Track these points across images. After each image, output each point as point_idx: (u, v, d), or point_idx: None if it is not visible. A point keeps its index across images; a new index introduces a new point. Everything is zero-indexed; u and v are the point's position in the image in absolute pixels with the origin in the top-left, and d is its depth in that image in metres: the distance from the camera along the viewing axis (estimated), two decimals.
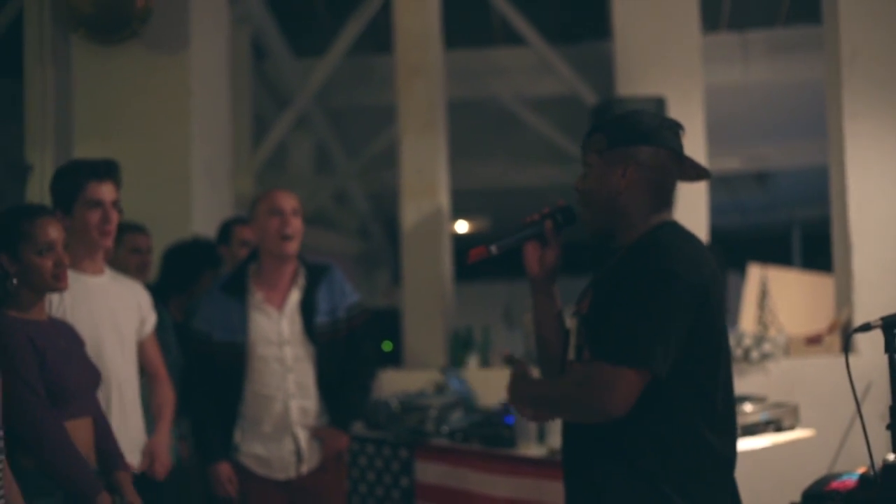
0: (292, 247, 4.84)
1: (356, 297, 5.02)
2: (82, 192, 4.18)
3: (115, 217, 4.24)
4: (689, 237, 3.02)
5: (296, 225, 4.85)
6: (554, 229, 3.15)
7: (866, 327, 3.24)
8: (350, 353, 4.94)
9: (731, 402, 3.02)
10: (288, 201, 4.89)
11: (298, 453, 4.81)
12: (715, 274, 2.96)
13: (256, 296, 4.85)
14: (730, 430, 3.01)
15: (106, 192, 4.21)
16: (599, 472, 2.93)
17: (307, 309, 4.85)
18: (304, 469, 4.83)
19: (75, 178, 4.22)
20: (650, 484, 2.87)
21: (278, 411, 4.80)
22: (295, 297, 4.86)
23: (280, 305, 4.84)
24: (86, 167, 4.28)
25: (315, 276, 4.92)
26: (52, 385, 3.68)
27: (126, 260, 5.19)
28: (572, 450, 3.08)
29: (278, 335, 4.82)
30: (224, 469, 4.78)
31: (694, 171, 3.10)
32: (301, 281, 4.89)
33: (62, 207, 4.15)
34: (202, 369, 4.85)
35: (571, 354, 3.05)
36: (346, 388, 4.91)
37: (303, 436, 4.82)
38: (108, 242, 4.27)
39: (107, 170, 4.26)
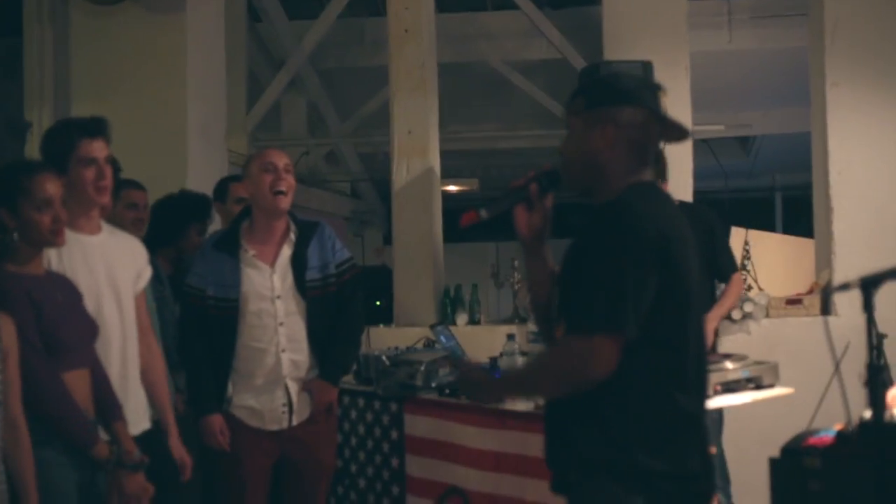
0: (285, 202, 4.89)
1: (346, 254, 5.08)
2: (75, 150, 4.17)
3: (109, 173, 4.24)
4: (657, 196, 3.08)
5: (289, 181, 4.90)
6: (539, 192, 3.18)
7: (845, 287, 3.33)
8: (340, 307, 4.99)
9: (701, 362, 3.06)
10: (280, 158, 4.96)
11: (290, 405, 4.88)
12: (682, 233, 3.00)
13: (248, 252, 4.90)
14: (699, 388, 3.06)
15: (98, 148, 4.21)
16: (571, 434, 2.98)
17: (298, 264, 4.91)
18: (296, 420, 4.90)
19: (67, 137, 4.21)
20: (619, 446, 2.92)
21: (270, 364, 4.86)
22: (286, 252, 4.92)
23: (272, 261, 4.90)
24: (76, 125, 4.28)
25: (306, 232, 4.98)
26: (49, 338, 3.73)
27: (122, 215, 5.23)
28: (548, 410, 3.14)
29: (270, 290, 4.87)
30: (216, 421, 4.85)
31: (674, 132, 3.13)
32: (292, 237, 4.94)
33: (56, 167, 4.08)
34: (196, 324, 4.92)
35: (555, 312, 3.13)
36: (335, 342, 4.98)
37: (293, 388, 4.89)
38: (105, 199, 4.26)
39: (97, 127, 4.25)
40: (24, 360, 3.63)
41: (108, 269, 4.28)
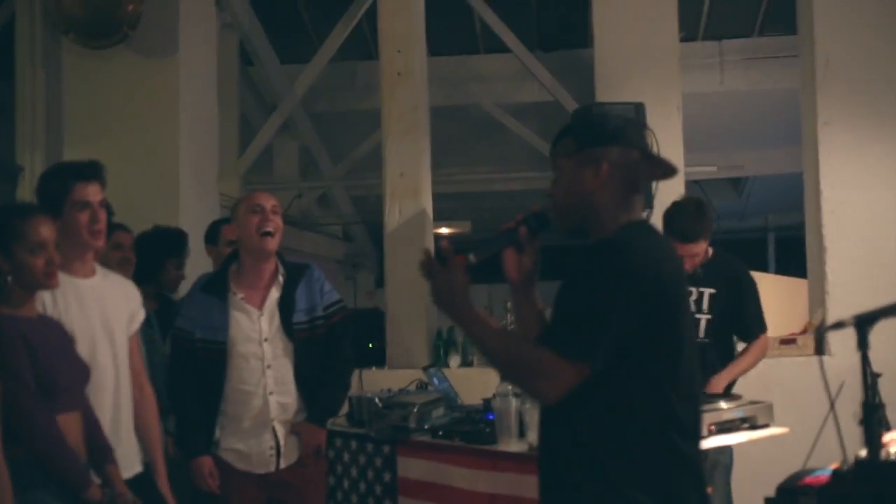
0: (272, 243, 4.90)
1: (335, 296, 5.08)
2: (70, 194, 4.18)
3: (103, 217, 4.26)
4: (652, 235, 3.08)
5: (276, 222, 4.91)
6: (529, 235, 3.17)
7: (840, 325, 3.33)
8: (328, 350, 5.00)
9: (695, 403, 3.06)
10: (268, 200, 4.97)
11: (277, 448, 4.88)
12: (677, 273, 3.02)
13: (237, 295, 4.91)
14: (694, 429, 3.05)
15: (93, 192, 4.23)
16: (565, 474, 2.98)
17: (285, 307, 4.91)
18: (283, 463, 4.89)
19: (62, 181, 4.23)
20: (616, 487, 2.90)
21: (257, 407, 4.86)
22: (274, 295, 4.92)
23: (260, 304, 4.91)
24: (72, 169, 4.30)
25: (294, 274, 4.99)
26: (43, 380, 3.72)
27: (109, 256, 5.21)
28: (542, 450, 3.12)
29: (258, 332, 4.88)
30: (206, 463, 4.84)
31: (662, 169, 3.15)
32: (280, 280, 4.95)
33: (50, 210, 4.08)
34: (185, 367, 4.92)
35: None
36: (323, 385, 4.98)
37: (281, 431, 4.89)
38: (99, 242, 4.29)
39: (93, 171, 4.27)
40: (19, 403, 3.63)
41: (102, 311, 4.29)
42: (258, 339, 4.88)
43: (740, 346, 6.04)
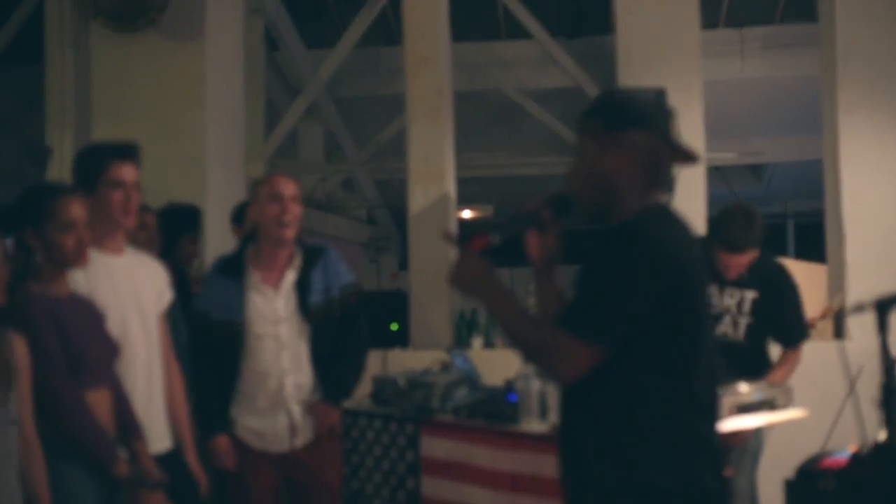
0: (290, 233, 4.94)
1: (351, 277, 5.12)
2: (105, 172, 4.25)
3: (136, 197, 4.32)
4: (674, 220, 3.10)
5: (294, 211, 4.95)
6: (551, 217, 3.20)
7: (860, 308, 3.37)
8: (343, 331, 5.04)
9: (713, 384, 3.11)
10: (288, 187, 4.98)
11: (292, 427, 4.93)
12: (696, 258, 3.05)
13: (254, 276, 4.96)
14: (712, 410, 3.09)
15: (128, 172, 4.29)
16: (586, 455, 3.01)
17: (302, 288, 4.95)
18: (298, 443, 4.95)
19: (99, 159, 4.30)
20: (635, 466, 2.95)
21: (273, 387, 4.91)
22: (290, 277, 4.96)
23: (276, 285, 4.95)
24: (109, 148, 4.38)
25: (311, 256, 5.02)
26: (72, 357, 3.78)
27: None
28: (563, 432, 3.17)
29: (274, 314, 4.92)
30: (222, 441, 4.91)
31: (683, 156, 3.15)
32: (297, 261, 4.99)
33: (85, 187, 4.17)
34: (204, 346, 4.97)
35: None
36: (338, 365, 5.02)
37: (296, 410, 4.94)
38: (130, 222, 4.36)
39: (129, 151, 4.35)
40: (48, 379, 3.68)
41: (133, 289, 4.35)
42: (274, 319, 4.93)
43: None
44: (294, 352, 4.94)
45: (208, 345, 4.94)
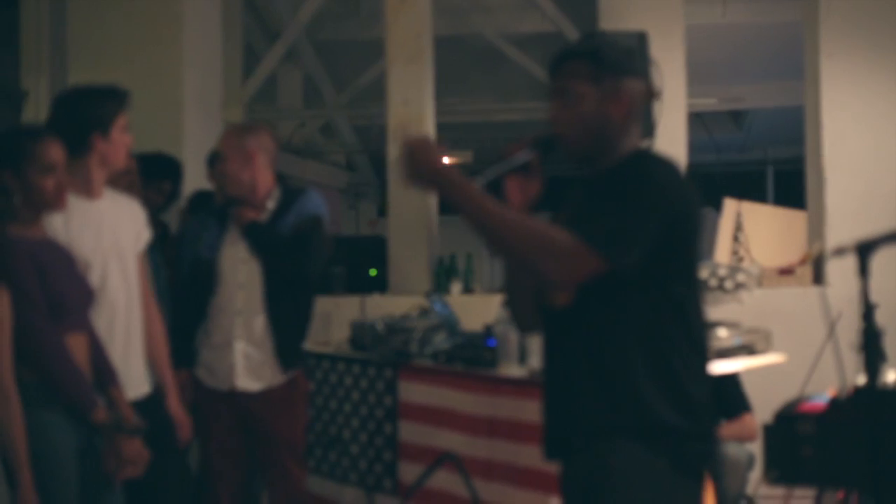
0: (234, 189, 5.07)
1: (312, 212, 5.11)
2: (118, 117, 4.31)
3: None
4: (666, 160, 3.10)
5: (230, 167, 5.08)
6: (538, 159, 3.15)
7: (841, 251, 3.35)
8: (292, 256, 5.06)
9: (704, 325, 3.11)
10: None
11: (242, 366, 4.99)
12: (697, 200, 3.04)
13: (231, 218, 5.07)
14: (704, 350, 3.10)
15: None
16: (582, 396, 3.00)
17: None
18: (250, 386, 5.00)
19: (118, 102, 4.35)
20: (635, 406, 2.94)
21: (224, 325, 5.00)
22: (262, 218, 5.03)
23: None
24: (107, 93, 4.39)
25: (288, 200, 5.09)
26: (52, 300, 3.74)
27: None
28: (553, 373, 3.14)
29: (235, 253, 5.01)
30: (181, 376, 4.93)
31: (652, 98, 3.19)
32: (271, 205, 5.05)
33: (100, 130, 4.24)
34: (188, 287, 5.09)
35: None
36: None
37: (241, 350, 4.99)
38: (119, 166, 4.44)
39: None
40: (28, 322, 3.66)
41: (111, 232, 4.33)
42: (235, 259, 5.00)
43: None
44: (250, 292, 4.98)
45: (194, 284, 5.00)
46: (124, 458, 3.86)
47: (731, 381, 5.71)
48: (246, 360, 4.99)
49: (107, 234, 4.30)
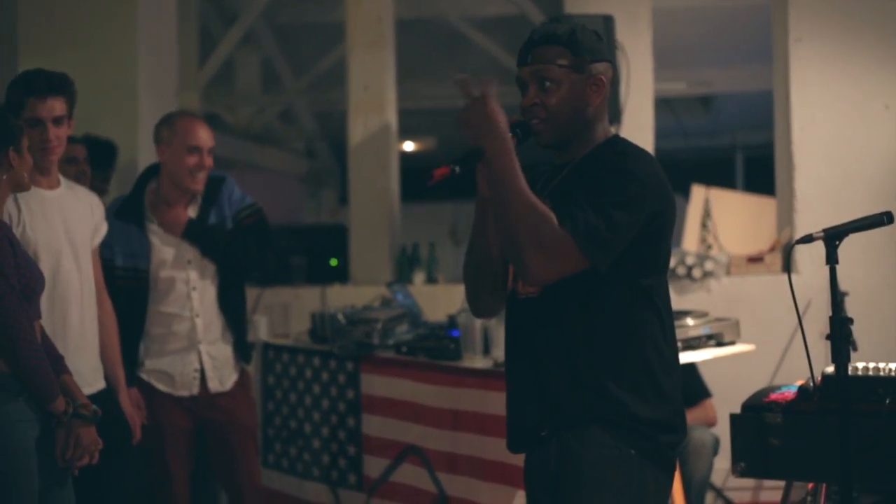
0: (202, 185, 4.91)
1: (247, 201, 5.07)
2: (25, 108, 4.21)
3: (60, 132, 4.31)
4: (648, 154, 3.06)
5: (210, 163, 4.91)
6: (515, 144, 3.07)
7: (809, 238, 3.35)
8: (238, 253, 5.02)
9: (672, 315, 3.10)
10: (207, 140, 4.93)
11: (202, 370, 4.93)
12: (672, 194, 3.02)
13: (154, 221, 4.93)
14: (674, 340, 3.09)
15: (50, 108, 4.27)
16: (552, 387, 2.97)
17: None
18: (212, 388, 4.96)
19: (20, 95, 4.25)
20: (599, 389, 2.92)
21: (184, 330, 4.91)
22: (191, 216, 4.93)
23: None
24: (32, 81, 4.29)
25: (211, 191, 4.98)
26: (23, 285, 3.66)
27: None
28: (520, 359, 3.10)
29: (181, 257, 4.91)
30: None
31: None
32: (198, 199, 4.97)
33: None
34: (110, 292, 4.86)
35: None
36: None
37: (207, 352, 4.94)
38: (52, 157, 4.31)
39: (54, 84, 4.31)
40: (5, 305, 3.55)
41: (66, 223, 4.29)
42: (182, 263, 4.89)
43: None
44: (203, 293, 4.93)
45: (114, 290, 4.79)
46: (82, 446, 3.75)
47: (689, 368, 5.75)
48: (212, 362, 4.95)
49: (60, 224, 4.25)
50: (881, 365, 3.91)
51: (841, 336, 3.31)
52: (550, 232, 2.80)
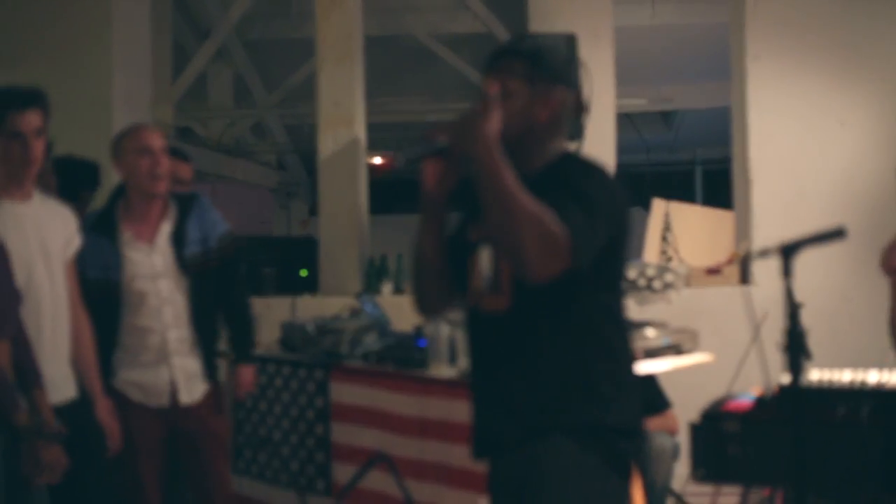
0: (163, 186, 4.88)
1: (226, 226, 5.08)
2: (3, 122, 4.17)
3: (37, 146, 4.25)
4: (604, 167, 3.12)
5: (165, 164, 4.87)
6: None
7: (765, 253, 3.42)
8: (227, 283, 5.05)
9: (628, 326, 3.18)
10: (156, 140, 4.91)
11: (173, 382, 4.90)
12: (629, 206, 3.07)
13: (126, 233, 4.88)
14: (630, 350, 3.16)
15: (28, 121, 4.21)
16: (517, 394, 3.01)
17: (178, 241, 4.90)
18: (183, 400, 4.93)
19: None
20: (562, 400, 2.97)
21: (156, 343, 4.87)
22: (166, 229, 4.90)
23: (151, 240, 4.89)
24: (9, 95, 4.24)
25: (184, 207, 4.97)
26: None
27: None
28: (483, 367, 3.15)
29: (152, 269, 4.86)
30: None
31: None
32: (172, 212, 4.93)
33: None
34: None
35: (479, 283, 3.09)
36: (235, 321, 5.13)
37: (178, 364, 4.91)
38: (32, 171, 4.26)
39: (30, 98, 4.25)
40: None
41: (39, 236, 4.26)
42: (153, 275, 4.86)
43: None
44: (175, 307, 4.89)
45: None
46: (42, 464, 3.78)
47: (649, 380, 5.79)
48: (183, 375, 4.93)
49: (33, 236, 4.22)
50: (835, 376, 4.02)
51: (796, 347, 3.34)
52: (553, 227, 2.79)
